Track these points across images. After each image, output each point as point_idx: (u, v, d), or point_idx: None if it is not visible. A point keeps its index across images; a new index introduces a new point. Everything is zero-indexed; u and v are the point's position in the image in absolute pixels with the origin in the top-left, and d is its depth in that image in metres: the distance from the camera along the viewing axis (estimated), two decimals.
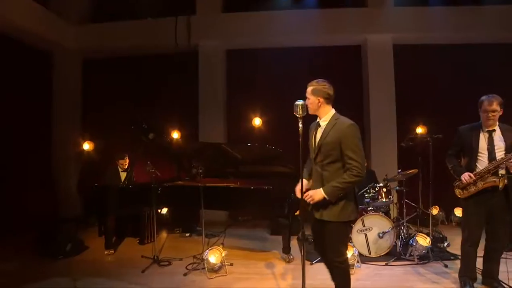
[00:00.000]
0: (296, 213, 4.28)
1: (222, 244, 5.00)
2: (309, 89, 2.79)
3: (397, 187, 5.09)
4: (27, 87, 6.08)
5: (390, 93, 6.28)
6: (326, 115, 2.73)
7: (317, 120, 2.80)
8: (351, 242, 4.36)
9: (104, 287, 3.73)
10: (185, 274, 4.05)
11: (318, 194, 2.58)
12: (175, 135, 6.46)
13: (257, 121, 6.47)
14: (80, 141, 6.41)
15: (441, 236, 4.88)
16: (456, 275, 3.64)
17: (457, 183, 3.35)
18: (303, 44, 6.67)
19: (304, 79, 6.92)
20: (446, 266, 4.05)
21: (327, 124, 2.71)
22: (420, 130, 5.95)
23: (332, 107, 2.76)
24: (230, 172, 5.42)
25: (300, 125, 2.62)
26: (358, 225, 4.47)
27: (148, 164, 4.72)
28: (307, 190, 2.68)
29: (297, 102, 2.61)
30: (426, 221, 5.42)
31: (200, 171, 4.36)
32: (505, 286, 3.33)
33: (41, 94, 6.50)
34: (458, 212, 5.74)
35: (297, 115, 2.62)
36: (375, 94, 6.34)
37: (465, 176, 3.21)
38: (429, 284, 3.66)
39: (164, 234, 5.70)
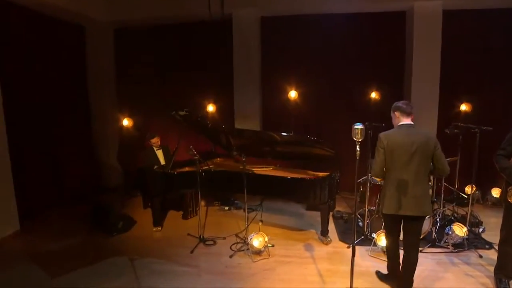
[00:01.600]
0: None
1: (261, 221, 5.37)
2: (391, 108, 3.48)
3: None
4: (63, 63, 6.28)
5: (435, 66, 6.08)
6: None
7: None
8: None
9: (159, 268, 4.22)
10: (230, 256, 4.50)
11: None
12: (210, 108, 6.61)
13: (292, 94, 6.49)
14: (118, 116, 6.67)
15: (477, 220, 5.09)
16: (491, 267, 3.93)
17: None
18: (342, 11, 6.39)
19: (342, 48, 6.83)
20: (481, 256, 4.30)
21: None
22: (464, 107, 5.85)
23: (409, 119, 3.36)
24: (267, 151, 5.61)
25: (358, 149, 2.72)
26: None
27: (190, 148, 5.00)
28: None
29: (356, 126, 2.70)
30: (462, 202, 5.63)
31: (244, 159, 4.56)
32: None
33: (77, 69, 6.70)
34: (495, 192, 5.87)
35: (356, 139, 2.71)
36: (418, 66, 6.14)
37: None
38: (461, 276, 3.94)
39: (204, 208, 6.14)
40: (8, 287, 3.88)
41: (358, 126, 2.75)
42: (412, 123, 3.37)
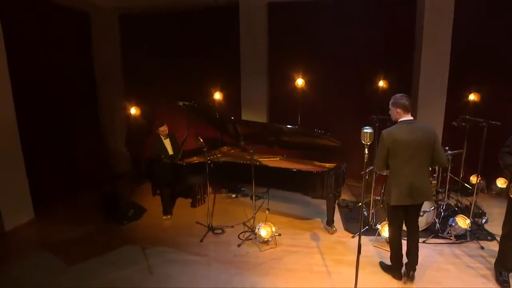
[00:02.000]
0: None
1: (268, 209, 5.52)
2: (390, 102, 3.56)
3: None
4: (69, 51, 6.28)
5: (444, 56, 6.03)
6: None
7: None
8: None
9: (170, 257, 4.41)
10: (239, 245, 4.68)
11: None
12: (217, 95, 6.66)
13: (299, 82, 6.50)
14: (125, 104, 6.74)
15: (480, 211, 5.21)
16: (491, 259, 4.09)
17: None
18: None
19: (350, 35, 6.76)
20: (482, 248, 4.45)
21: None
22: (472, 97, 5.85)
23: (409, 115, 3.47)
24: (274, 141, 5.70)
25: (366, 151, 2.80)
26: None
27: (198, 139, 5.11)
28: None
29: (365, 130, 2.77)
30: (467, 192, 5.75)
31: (252, 150, 4.67)
32: None
33: (83, 57, 6.71)
34: (500, 182, 5.97)
35: (364, 143, 2.78)
36: (427, 54, 6.10)
37: None
38: (463, 267, 4.09)
39: (212, 195, 6.29)
40: (25, 275, 4.07)
41: (367, 130, 2.81)
42: (412, 118, 3.50)
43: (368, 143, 2.81)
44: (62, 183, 6.03)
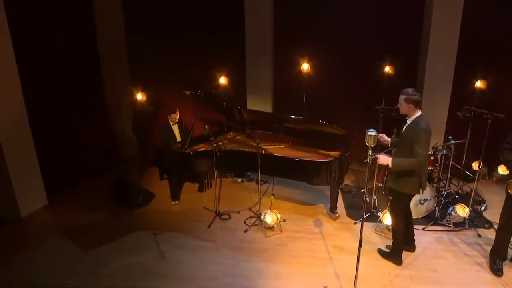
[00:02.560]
0: None
1: (273, 195, 5.72)
2: (402, 98, 3.68)
3: (444, 151, 5.41)
4: (73, 34, 6.29)
5: (452, 40, 6.01)
6: (413, 116, 3.70)
7: (406, 117, 3.78)
8: None
9: (180, 243, 4.67)
10: (245, 231, 4.94)
11: (385, 160, 3.73)
12: (222, 80, 6.73)
13: (305, 66, 6.54)
14: (131, 89, 6.84)
15: (480, 199, 5.41)
16: (487, 247, 4.34)
17: None
18: None
19: (357, 19, 6.75)
20: (479, 236, 4.68)
21: (411, 122, 3.72)
22: (479, 84, 5.90)
23: (420, 109, 3.68)
24: (279, 128, 5.83)
25: (370, 153, 2.95)
26: None
27: (206, 127, 5.28)
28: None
29: (369, 133, 2.89)
30: (468, 178, 5.93)
31: (258, 140, 4.82)
32: None
33: (87, 40, 6.73)
34: (502, 169, 6.12)
35: (368, 145, 2.92)
36: (435, 41, 6.09)
37: None
38: (459, 255, 4.34)
39: (218, 180, 6.50)
40: (44, 260, 4.36)
41: (372, 132, 2.92)
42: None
43: (372, 145, 2.94)
44: (71, 169, 6.23)
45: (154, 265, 4.23)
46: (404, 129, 3.81)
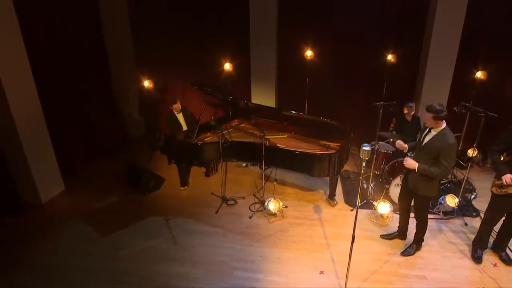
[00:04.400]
0: None
1: (276, 180, 6.21)
2: (430, 115, 3.90)
3: None
4: (78, 21, 6.53)
5: (457, 25, 6.22)
6: (438, 128, 3.98)
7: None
8: (389, 194, 5.53)
9: (190, 228, 5.23)
10: (250, 217, 5.48)
11: (413, 164, 4.12)
12: (227, 66, 7.01)
13: (309, 53, 6.79)
14: (137, 74, 7.15)
15: (471, 187, 5.89)
16: (472, 236, 4.87)
17: (498, 182, 4.13)
18: None
19: (362, 6, 6.95)
20: (466, 224, 5.22)
21: (436, 134, 4.00)
22: (479, 74, 6.18)
23: (445, 122, 3.97)
24: (281, 117, 6.22)
25: (364, 165, 3.37)
26: (396, 180, 5.50)
27: (211, 119, 5.68)
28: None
29: (364, 148, 3.30)
30: (462, 165, 6.37)
31: (263, 135, 5.24)
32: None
33: (92, 28, 6.97)
34: None
35: (362, 158, 3.34)
36: (439, 30, 6.30)
37: (507, 178, 3.95)
38: (445, 243, 4.87)
39: (223, 164, 6.96)
40: (66, 244, 4.94)
41: (366, 148, 3.33)
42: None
43: (366, 159, 3.36)
44: (85, 152, 6.73)
45: (169, 250, 4.80)
46: (428, 138, 4.05)
